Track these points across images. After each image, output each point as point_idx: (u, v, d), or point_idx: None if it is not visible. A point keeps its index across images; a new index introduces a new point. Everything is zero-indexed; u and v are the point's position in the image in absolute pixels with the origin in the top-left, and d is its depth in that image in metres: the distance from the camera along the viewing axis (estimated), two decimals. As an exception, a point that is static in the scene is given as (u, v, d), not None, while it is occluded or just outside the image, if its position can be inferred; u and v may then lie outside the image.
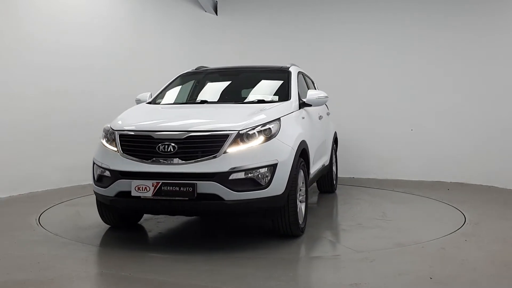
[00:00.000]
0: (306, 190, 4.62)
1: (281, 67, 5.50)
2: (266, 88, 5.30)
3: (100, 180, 4.24)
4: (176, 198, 3.84)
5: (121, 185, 4.01)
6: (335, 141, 7.04)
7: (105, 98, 7.43)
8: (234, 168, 3.84)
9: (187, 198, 3.82)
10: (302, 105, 4.95)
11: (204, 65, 6.38)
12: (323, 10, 8.74)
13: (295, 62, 5.97)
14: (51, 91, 6.92)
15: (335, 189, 7.02)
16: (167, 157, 3.92)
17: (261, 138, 4.01)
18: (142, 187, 3.89)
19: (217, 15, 9.44)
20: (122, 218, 4.73)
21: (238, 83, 5.49)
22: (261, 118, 4.16)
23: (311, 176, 5.06)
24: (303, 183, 4.50)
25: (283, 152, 4.06)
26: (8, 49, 6.45)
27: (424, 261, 3.75)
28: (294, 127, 4.45)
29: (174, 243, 4.29)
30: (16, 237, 4.45)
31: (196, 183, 3.80)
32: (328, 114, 6.69)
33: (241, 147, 3.91)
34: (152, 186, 3.86)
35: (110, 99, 7.38)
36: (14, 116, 6.51)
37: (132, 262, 3.69)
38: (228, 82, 5.59)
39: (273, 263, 3.70)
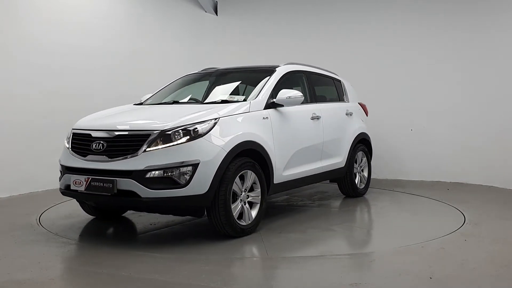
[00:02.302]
0: (263, 192, 4.58)
1: (270, 66, 5.47)
2: (243, 88, 5.27)
3: (60, 173, 4.64)
4: (101, 193, 4.11)
5: (67, 179, 4.41)
6: (363, 142, 6.63)
7: (105, 98, 7.43)
8: (150, 166, 3.97)
9: (109, 194, 4.05)
10: (272, 105, 4.92)
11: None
12: (323, 10, 8.74)
13: (298, 61, 5.96)
14: (51, 91, 6.93)
15: (362, 194, 6.56)
16: (97, 154, 4.20)
17: (185, 138, 4.07)
18: (78, 182, 4.25)
19: (217, 15, 9.45)
20: (96, 209, 5.11)
21: (222, 84, 5.60)
22: (191, 118, 4.22)
23: (285, 178, 4.97)
24: (256, 183, 4.50)
25: (208, 152, 4.09)
26: (8, 49, 6.46)
27: (424, 261, 3.75)
28: (237, 127, 4.41)
29: (174, 243, 4.30)
30: (16, 237, 4.46)
31: (116, 179, 4.02)
32: (350, 114, 6.38)
33: (161, 146, 4.03)
34: (85, 181, 4.19)
35: (110, 99, 7.37)
36: (14, 116, 6.52)
37: (132, 262, 3.69)
38: (214, 83, 5.69)
39: (274, 263, 3.71)
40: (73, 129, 4.65)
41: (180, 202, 4.06)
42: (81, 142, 4.42)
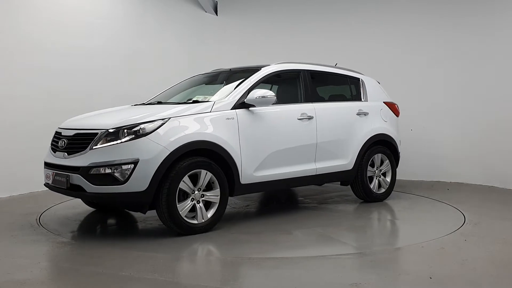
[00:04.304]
0: (223, 192, 4.61)
1: (256, 66, 5.45)
2: (224, 88, 5.25)
3: None
4: (60, 186, 4.50)
5: (44, 173, 4.82)
6: (382, 143, 6.24)
7: (105, 98, 7.43)
8: (93, 163, 4.23)
9: (64, 187, 4.41)
10: (243, 105, 4.89)
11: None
12: (323, 10, 8.75)
13: (300, 60, 5.93)
14: (51, 91, 6.93)
15: (381, 199, 6.17)
16: (61, 151, 4.58)
17: (129, 136, 4.26)
18: (48, 175, 4.69)
19: (217, 15, 9.45)
20: (90, 202, 5.51)
21: (209, 85, 5.66)
22: (138, 118, 4.40)
23: (258, 179, 4.93)
24: (213, 183, 4.56)
25: (149, 151, 4.22)
26: (8, 49, 6.46)
27: (424, 261, 3.75)
28: (190, 127, 4.47)
29: (175, 243, 4.30)
30: (16, 237, 4.46)
31: (69, 175, 4.36)
32: (364, 114, 6.04)
33: (105, 145, 4.26)
34: (51, 175, 4.61)
35: (110, 99, 7.38)
36: (14, 116, 6.52)
37: (132, 262, 3.69)
38: (202, 85, 5.79)
39: (274, 263, 3.71)
40: (57, 127, 4.97)
41: (120, 198, 4.27)
42: (56, 140, 4.78)
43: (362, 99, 6.29)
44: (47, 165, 4.76)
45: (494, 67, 7.37)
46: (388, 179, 6.34)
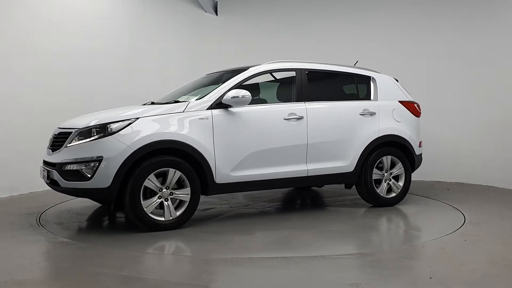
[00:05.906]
0: (194, 190, 4.69)
1: (244, 67, 5.42)
2: (210, 89, 5.21)
3: None
4: (45, 180, 4.85)
5: (40, 168, 5.13)
6: (393, 145, 5.90)
7: (105, 98, 7.44)
8: (65, 160, 4.53)
9: (48, 181, 4.77)
10: (219, 105, 4.89)
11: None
12: (323, 10, 8.75)
13: (302, 60, 5.88)
14: (51, 92, 6.93)
15: (390, 204, 5.83)
16: (49, 148, 4.91)
17: (97, 135, 4.49)
18: (41, 171, 5.02)
19: (217, 15, 9.44)
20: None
21: (201, 86, 5.70)
22: (107, 117, 4.61)
23: (236, 179, 4.91)
24: (184, 181, 4.66)
25: (113, 149, 4.42)
26: (8, 50, 6.47)
27: (424, 261, 3.75)
28: (159, 126, 4.59)
29: (174, 242, 4.30)
30: (16, 237, 4.46)
31: (49, 170, 4.69)
32: (370, 114, 5.75)
33: (76, 143, 4.54)
34: (42, 170, 4.95)
35: (110, 99, 7.38)
36: (14, 116, 6.53)
37: (132, 262, 3.69)
38: (196, 85, 5.84)
39: (274, 264, 3.71)
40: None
41: (87, 193, 4.69)
42: (50, 139, 5.07)
43: (371, 98, 5.99)
44: (43, 161, 5.06)
45: (494, 68, 7.38)
46: (401, 183, 5.93)
